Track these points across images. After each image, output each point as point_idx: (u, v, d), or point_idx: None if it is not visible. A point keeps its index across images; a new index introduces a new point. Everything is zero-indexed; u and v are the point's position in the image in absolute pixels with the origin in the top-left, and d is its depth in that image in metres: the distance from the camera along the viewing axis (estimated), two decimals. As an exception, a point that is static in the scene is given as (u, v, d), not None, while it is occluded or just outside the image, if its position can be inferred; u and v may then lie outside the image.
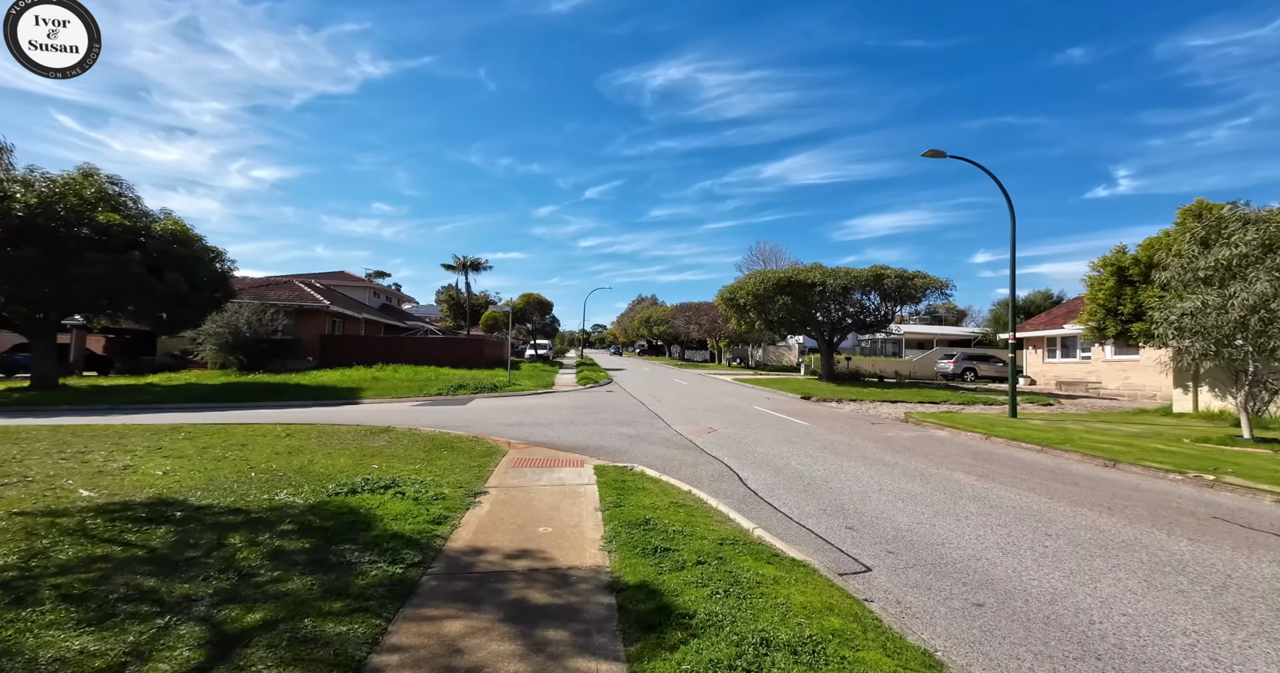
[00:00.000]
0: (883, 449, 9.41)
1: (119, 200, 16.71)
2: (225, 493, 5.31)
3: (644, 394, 19.40)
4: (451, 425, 11.19)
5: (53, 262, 14.41)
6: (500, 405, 15.31)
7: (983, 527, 5.26)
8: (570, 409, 14.49)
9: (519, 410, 14.10)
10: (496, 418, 12.58)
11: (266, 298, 27.17)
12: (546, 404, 15.74)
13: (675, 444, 9.60)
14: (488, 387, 18.85)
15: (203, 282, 18.14)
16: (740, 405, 16.25)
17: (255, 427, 9.72)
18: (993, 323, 42.67)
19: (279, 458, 7.07)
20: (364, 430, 9.48)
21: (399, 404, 15.64)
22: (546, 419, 12.50)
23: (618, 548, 4.16)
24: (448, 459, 7.35)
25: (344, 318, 30.77)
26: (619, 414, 13.61)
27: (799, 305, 25.16)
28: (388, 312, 43.86)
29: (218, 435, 8.65)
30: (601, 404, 15.90)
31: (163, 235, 16.91)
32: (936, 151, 14.27)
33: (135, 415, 12.46)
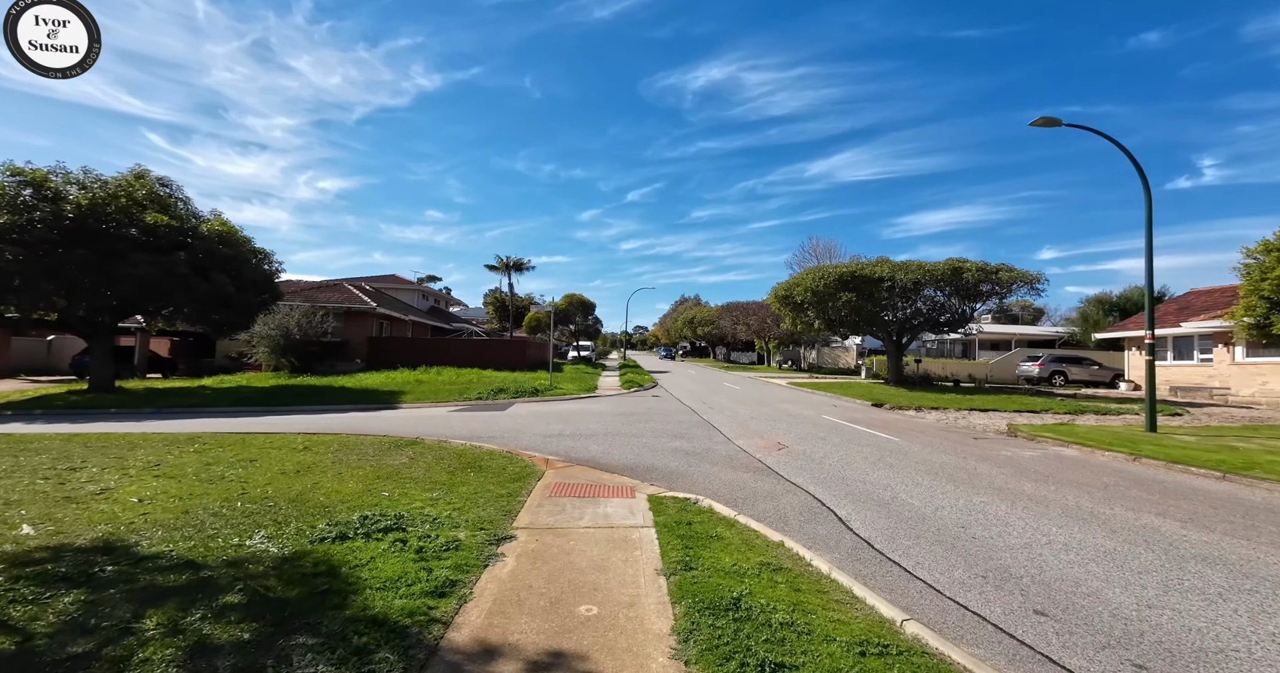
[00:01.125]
0: (1011, 475, 7.50)
1: (168, 201, 16.72)
2: (190, 534, 4.20)
3: (693, 400, 17.84)
4: (486, 436, 10.05)
5: (102, 262, 14.39)
6: (541, 412, 14.16)
7: (1262, 614, 3.46)
8: (615, 417, 13.14)
9: (560, 418, 12.88)
10: (535, 427, 11.38)
11: (317, 300, 27.35)
12: (589, 411, 14.47)
13: (742, 465, 8.03)
14: (529, 390, 17.81)
15: (248, 283, 18.00)
16: (806, 414, 14.43)
17: (277, 438, 8.86)
18: (1080, 321, 38.36)
19: (282, 480, 6.02)
20: (389, 443, 8.43)
21: (437, 409, 14.77)
22: (589, 429, 11.19)
23: (699, 660, 2.68)
24: (473, 484, 6.10)
25: (391, 320, 30.79)
26: (669, 424, 12.14)
27: (864, 303, 22.88)
28: (435, 314, 44.19)
29: (232, 448, 7.79)
30: (648, 412, 14.47)
31: (209, 236, 16.81)
32: (1050, 119, 12.03)
33: (170, 421, 12.05)
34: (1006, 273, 22.36)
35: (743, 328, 45.87)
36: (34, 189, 14.12)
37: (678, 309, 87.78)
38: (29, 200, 13.80)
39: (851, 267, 23.51)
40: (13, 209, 13.35)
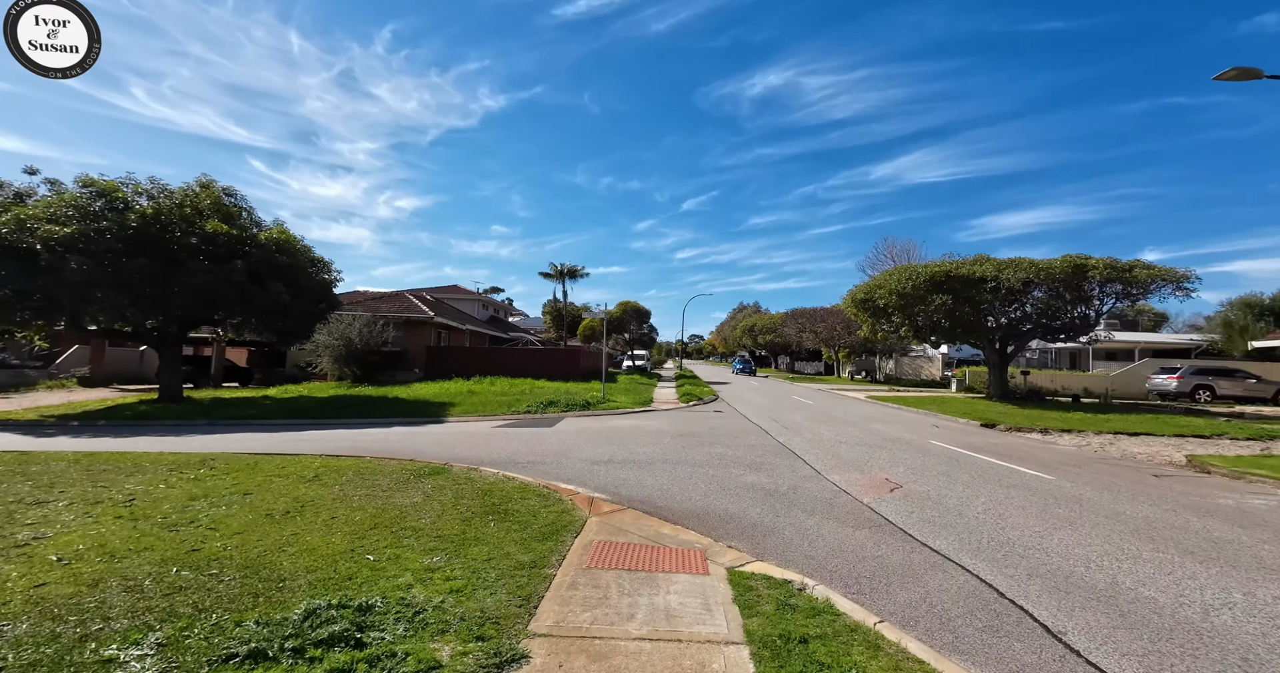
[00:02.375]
0: (1275, 542, 5.05)
1: (231, 210, 16.84)
2: (57, 633, 2.87)
3: (763, 417, 15.73)
4: (525, 461, 8.59)
5: (162, 271, 14.44)
6: (591, 429, 12.63)
7: None
8: (674, 438, 11.37)
9: (611, 438, 11.28)
10: (582, 449, 9.82)
11: (379, 310, 27.56)
12: (645, 428, 12.78)
13: (847, 514, 6.03)
14: (580, 403, 16.40)
15: (304, 291, 17.84)
16: (906, 437, 12.01)
17: (294, 462, 7.80)
18: (1222, 328, 32.40)
19: (258, 528, 4.74)
20: (411, 472, 7.12)
21: (482, 424, 13.61)
22: (645, 453, 9.49)
23: None
24: (490, 542, 4.55)
25: (449, 329, 30.68)
26: (739, 449, 10.22)
27: (961, 306, 19.85)
28: (495, 324, 44.37)
29: (236, 475, 6.73)
30: (712, 432, 12.58)
31: (266, 244, 16.75)
32: (1245, 70, 9.18)
33: (213, 436, 11.56)
34: (1144, 271, 18.66)
35: (809, 336, 42.76)
36: (104, 199, 14.41)
37: (736, 317, 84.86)
38: (98, 211, 14.05)
39: (945, 265, 20.55)
40: (82, 219, 13.58)
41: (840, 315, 40.62)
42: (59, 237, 13.00)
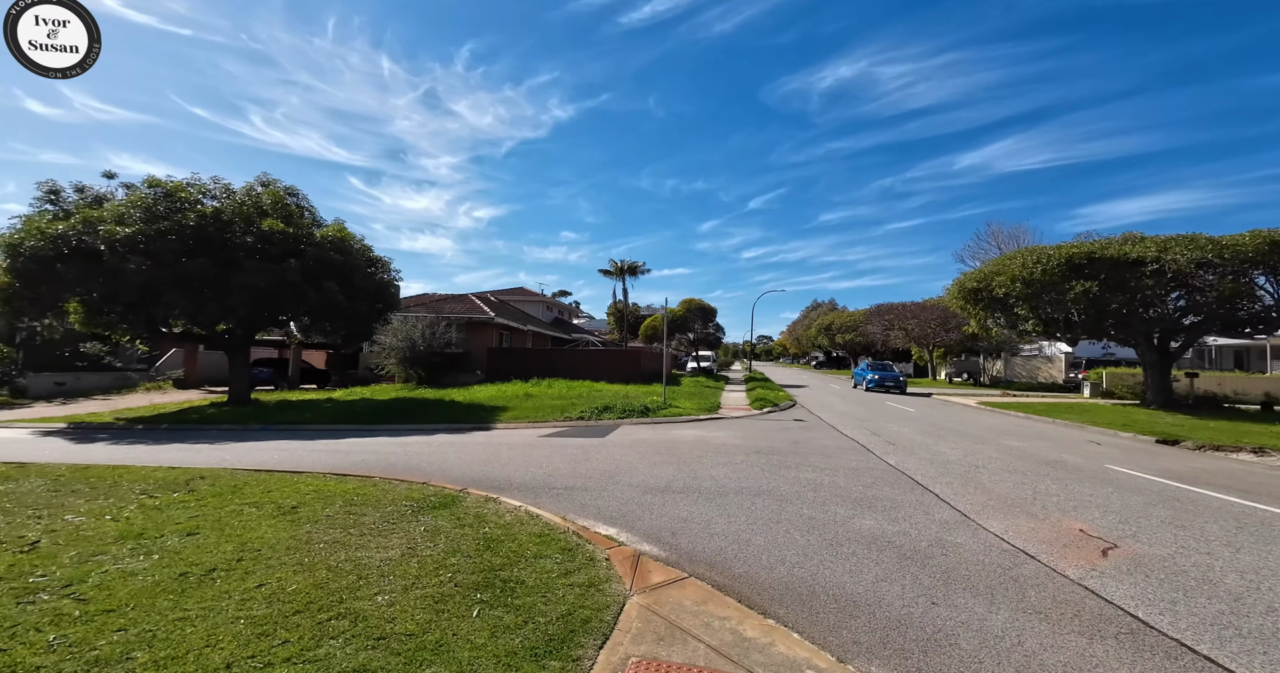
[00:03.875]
0: None
1: (291, 210, 16.64)
2: None
3: (856, 428, 13.08)
4: (563, 485, 6.82)
5: (220, 271, 14.26)
6: (648, 441, 10.72)
7: None
8: (749, 457, 9.18)
9: (672, 453, 9.29)
10: (636, 469, 7.91)
11: (443, 311, 27.37)
12: (712, 441, 10.68)
13: (1054, 604, 3.67)
14: (638, 409, 14.54)
15: (361, 291, 17.36)
16: (1067, 459, 9.06)
17: (288, 482, 6.49)
18: None
19: (144, 602, 3.25)
20: (413, 503, 5.55)
21: (530, 433, 12.12)
22: (713, 478, 7.42)
23: None
24: (457, 656, 2.73)
25: (511, 330, 30.07)
26: (839, 474, 7.88)
27: (1110, 295, 15.96)
28: (559, 325, 43.80)
29: (207, 502, 5.46)
30: (796, 448, 10.25)
31: (321, 242, 16.37)
32: None
33: (245, 444, 10.89)
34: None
35: (898, 334, 38.40)
36: (169, 200, 14.46)
37: (810, 315, 79.96)
38: (162, 212, 14.09)
39: (1087, 246, 16.70)
40: (145, 220, 13.61)
41: (934, 311, 36.12)
42: (120, 237, 13.05)
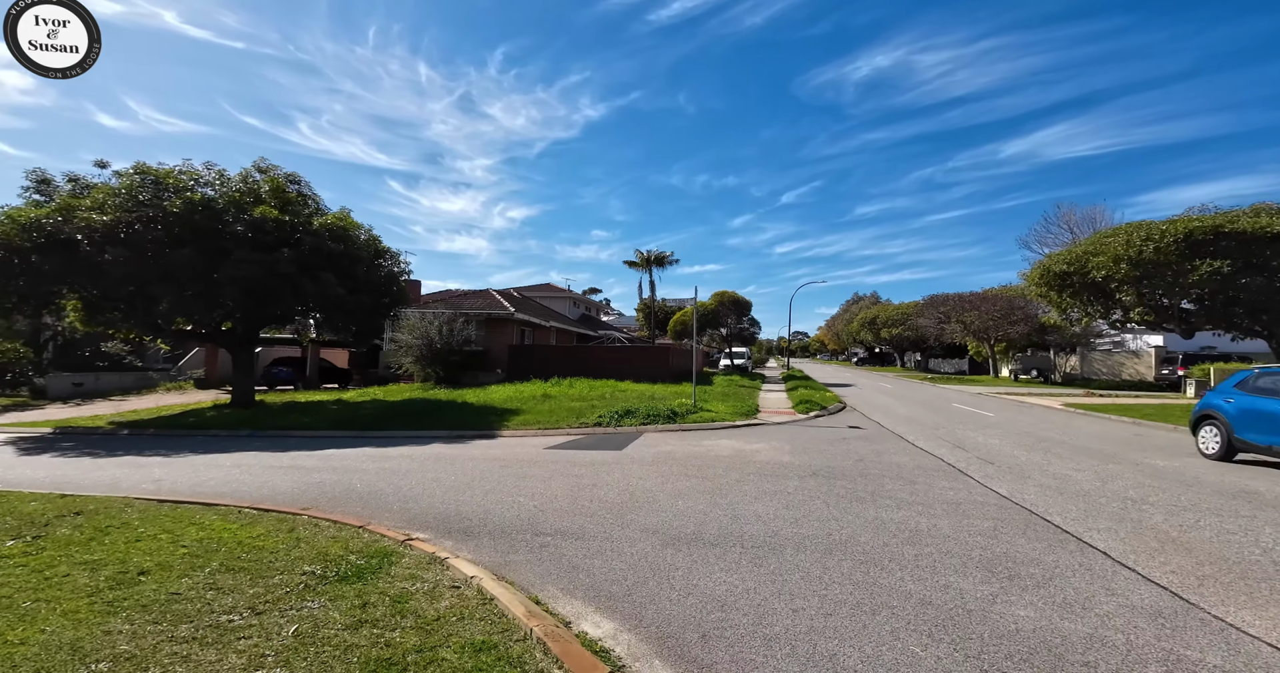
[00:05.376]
0: None
1: (291, 197, 15.42)
2: None
3: (930, 438, 10.76)
4: (554, 527, 4.96)
5: (208, 263, 13.07)
6: (674, 455, 8.76)
7: None
8: (805, 481, 7.11)
9: (703, 476, 7.30)
10: (655, 501, 5.98)
11: (461, 307, 26.12)
12: (753, 458, 8.63)
13: None
14: (664, 414, 12.57)
15: (363, 284, 16.01)
16: (1264, 489, 6.61)
17: (184, 521, 4.86)
18: None
19: None
20: (319, 571, 3.78)
21: (536, 442, 10.36)
22: (758, 519, 5.41)
23: None
24: None
25: (532, 327, 28.59)
26: (935, 513, 5.73)
27: (1248, 276, 12.98)
28: (586, 322, 42.25)
29: (43, 559, 3.86)
30: (863, 465, 8.10)
31: (319, 231, 15.03)
32: None
33: (206, 457, 9.55)
34: None
35: (955, 327, 35.05)
36: (155, 187, 13.36)
37: (850, 309, 76.05)
38: (145, 200, 12.98)
39: (1209, 220, 13.70)
40: (124, 207, 12.50)
41: (996, 301, 32.72)
42: (98, 225, 11.98)
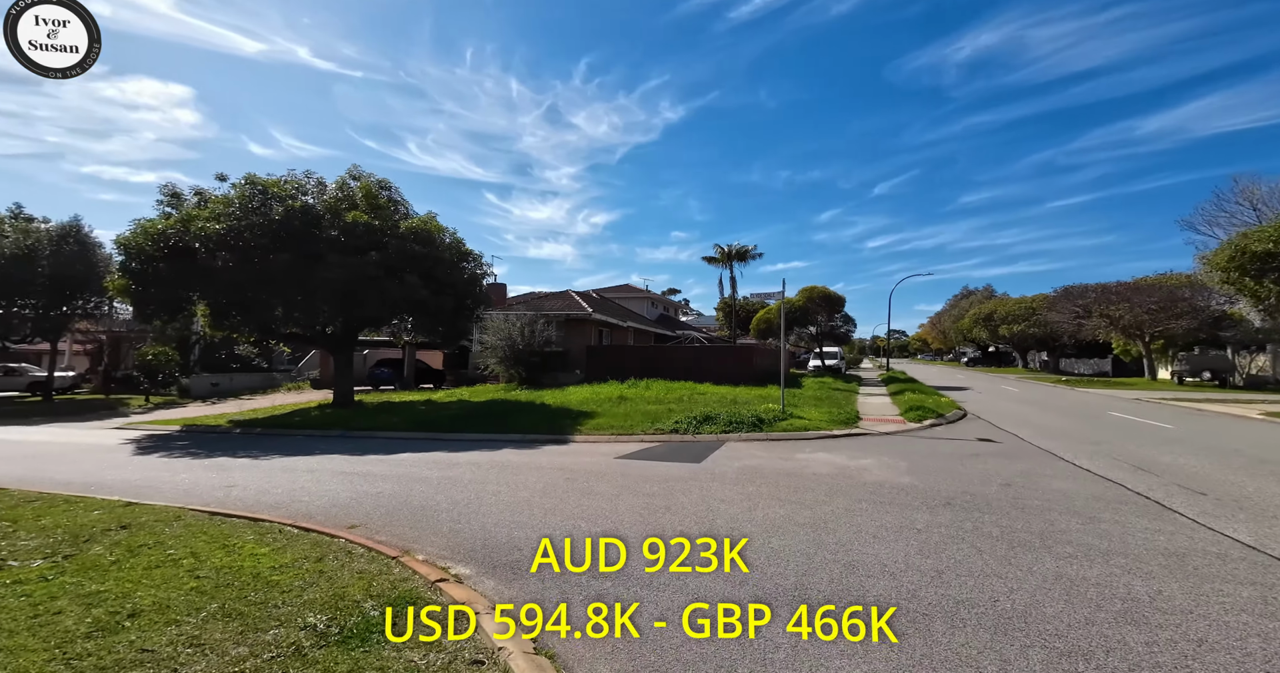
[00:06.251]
0: None
1: (381, 203, 16.01)
2: None
3: (1093, 456, 8.51)
4: (615, 572, 3.98)
5: (304, 267, 13.71)
6: (762, 471, 7.48)
7: None
8: (938, 513, 5.57)
9: (800, 500, 5.99)
10: (743, 528, 4.81)
11: (542, 309, 26.36)
12: (862, 478, 7.13)
13: None
14: (748, 420, 11.21)
15: (445, 286, 16.23)
16: None
17: (219, 541, 4.49)
18: None
19: None
20: (320, 626, 3.10)
21: (608, 449, 9.54)
22: (883, 570, 4.08)
23: None
24: None
25: (610, 327, 28.20)
26: (1150, 570, 4.05)
27: None
28: (664, 322, 41.44)
29: (48, 588, 3.53)
30: (1015, 495, 6.33)
31: (404, 234, 15.41)
32: None
33: (286, 459, 9.79)
34: None
35: (1098, 322, 29.86)
36: (263, 197, 14.27)
37: (959, 304, 68.71)
38: (254, 207, 13.88)
39: None
40: (235, 216, 13.41)
41: (1153, 292, 27.47)
42: (211, 233, 12.95)
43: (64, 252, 20.47)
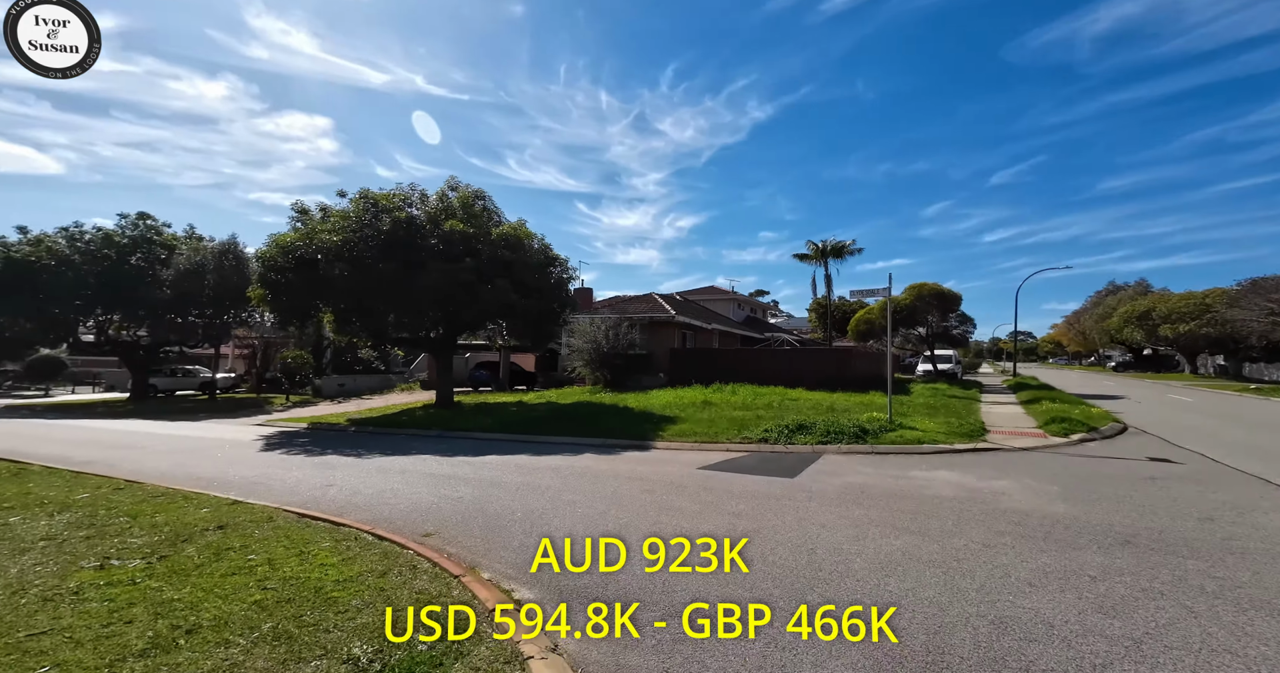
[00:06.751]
0: None
1: (476, 212, 16.72)
2: None
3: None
4: (696, 611, 3.37)
5: (406, 274, 14.56)
6: (869, 491, 6.44)
7: None
8: (1111, 552, 4.33)
9: (922, 530, 4.97)
10: (848, 573, 3.97)
11: (626, 312, 26.37)
12: (994, 501, 5.87)
13: None
14: (849, 430, 9.98)
15: (533, 290, 16.58)
16: None
17: (297, 547, 4.49)
18: None
19: None
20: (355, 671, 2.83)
21: (691, 458, 8.92)
22: (1041, 629, 3.08)
23: None
24: None
25: (694, 329, 27.51)
26: None
27: None
28: (751, 324, 39.91)
29: (133, 592, 3.65)
30: (1225, 537, 4.81)
31: (495, 240, 15.95)
32: None
33: (385, 458, 10.23)
34: None
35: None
36: (374, 209, 15.42)
37: (1104, 301, 59.35)
38: (367, 220, 15.02)
39: None
40: (349, 229, 14.59)
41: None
42: (329, 244, 14.19)
43: (224, 266, 23.76)
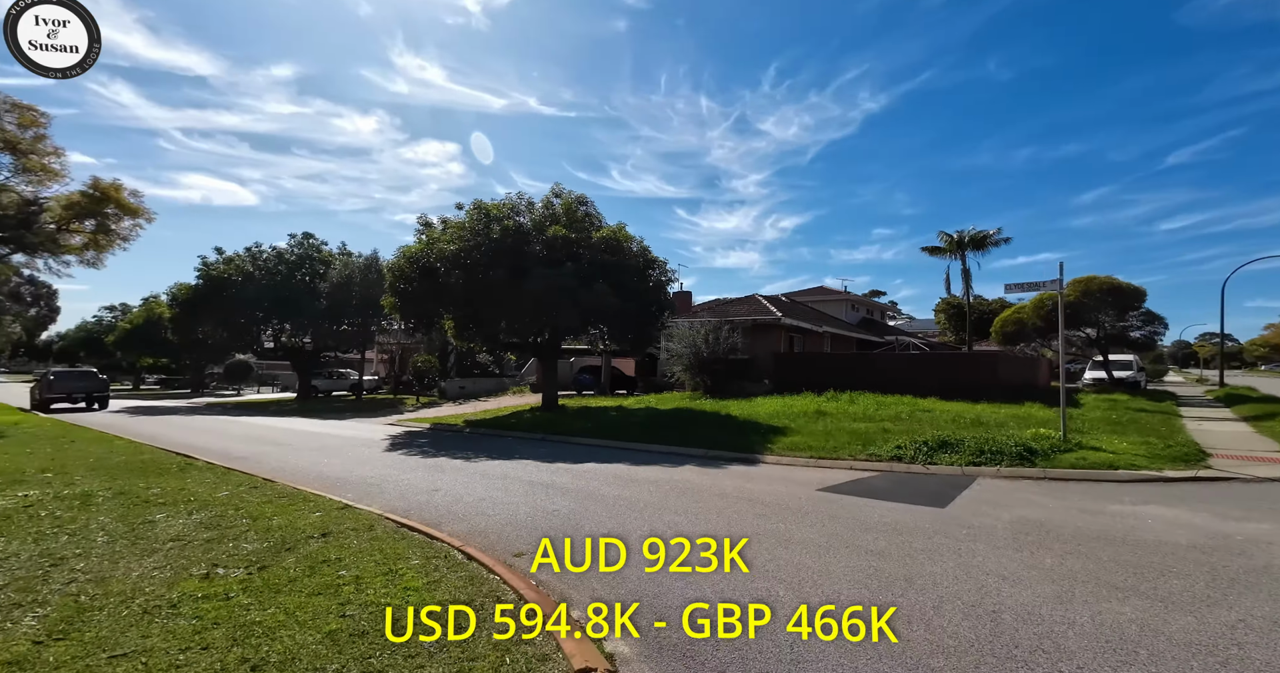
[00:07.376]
0: None
1: (577, 217, 16.91)
2: None
3: None
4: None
5: (512, 280, 14.99)
6: (1057, 532, 4.95)
7: None
8: None
9: (1154, 595, 3.55)
10: (1056, 648, 2.82)
11: (728, 315, 25.35)
12: (1251, 551, 4.17)
13: None
14: (1010, 449, 8.16)
15: (632, 293, 16.33)
16: None
17: (388, 560, 4.35)
18: None
19: None
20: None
21: (807, 476, 7.84)
22: None
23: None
24: None
25: (802, 332, 25.64)
26: None
27: None
28: (867, 326, 36.60)
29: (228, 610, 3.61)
30: None
31: (595, 244, 15.95)
32: None
33: (504, 460, 10.39)
34: None
35: None
36: (487, 218, 16.16)
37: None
38: (480, 229, 15.78)
39: None
40: (463, 238, 15.39)
41: None
42: (447, 253, 15.06)
43: (368, 279, 26.73)
